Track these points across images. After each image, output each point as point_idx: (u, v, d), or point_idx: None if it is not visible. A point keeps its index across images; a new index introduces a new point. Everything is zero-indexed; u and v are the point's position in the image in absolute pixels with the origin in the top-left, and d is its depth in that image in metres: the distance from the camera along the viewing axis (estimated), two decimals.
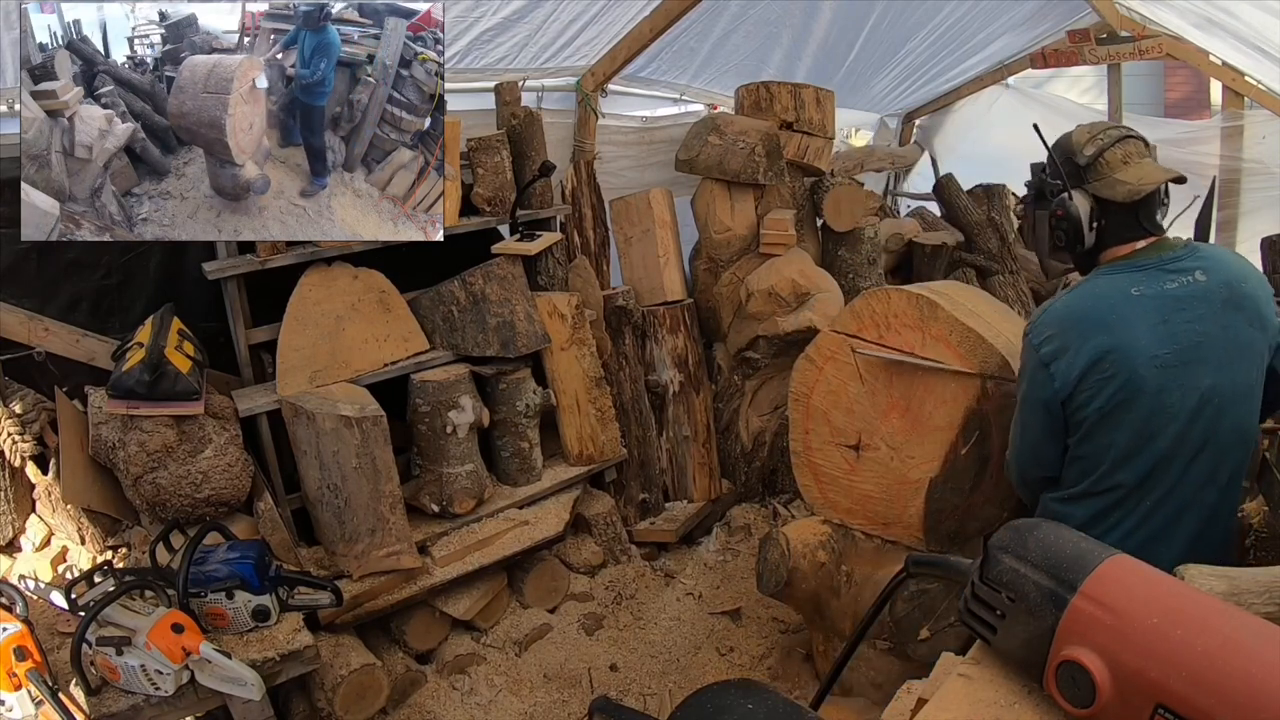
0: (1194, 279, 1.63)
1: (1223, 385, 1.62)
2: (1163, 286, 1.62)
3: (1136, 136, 1.70)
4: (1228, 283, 1.64)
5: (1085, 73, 5.43)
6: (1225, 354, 1.62)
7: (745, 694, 0.91)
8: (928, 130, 5.86)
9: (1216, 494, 1.67)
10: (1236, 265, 1.69)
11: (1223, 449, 1.64)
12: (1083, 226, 1.67)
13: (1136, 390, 1.61)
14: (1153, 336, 1.60)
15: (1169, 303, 1.61)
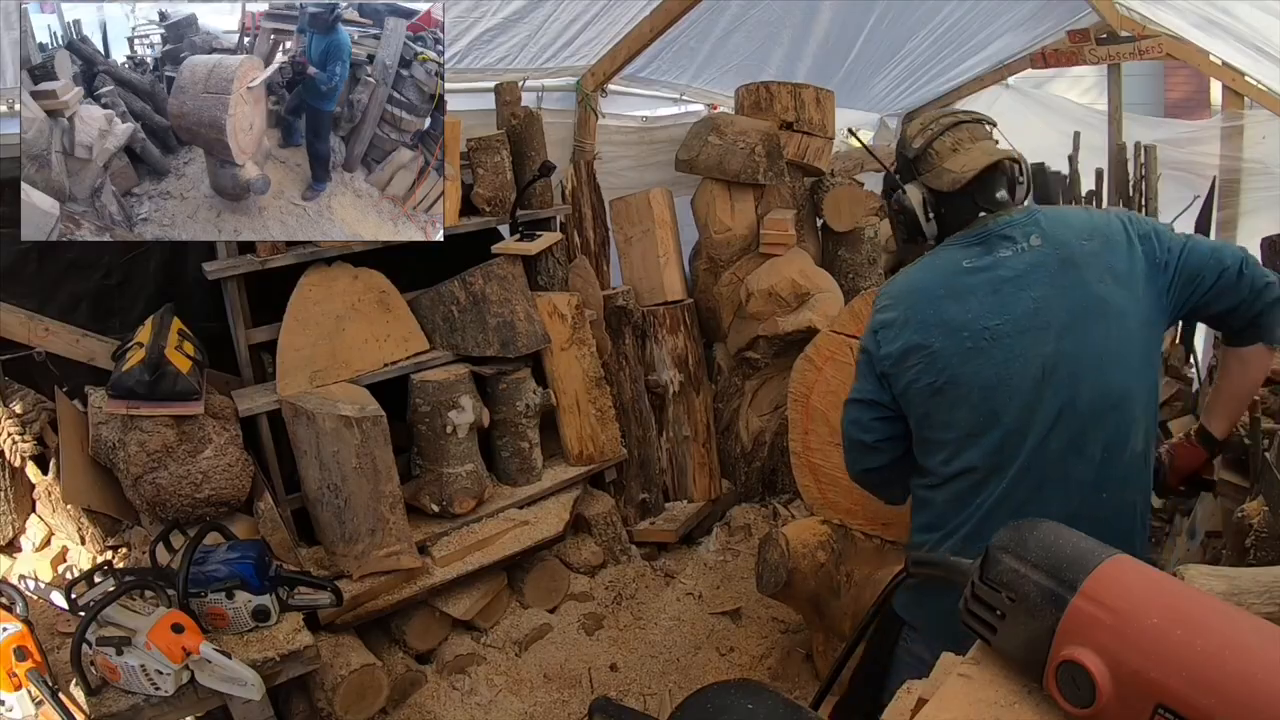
0: (1028, 245, 1.56)
1: (1070, 350, 1.52)
2: (995, 256, 1.56)
3: (971, 121, 1.63)
4: (1065, 242, 1.54)
5: (1086, 73, 5.43)
6: (1069, 317, 1.52)
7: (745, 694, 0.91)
8: None
9: (1087, 467, 1.54)
10: (1081, 223, 1.57)
11: (1084, 418, 1.52)
12: (919, 217, 1.64)
13: (967, 365, 1.54)
14: (983, 309, 1.54)
15: (1000, 272, 1.55)
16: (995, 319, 1.54)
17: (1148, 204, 4.78)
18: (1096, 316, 1.52)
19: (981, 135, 1.63)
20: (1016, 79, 5.42)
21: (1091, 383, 1.52)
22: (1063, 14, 4.55)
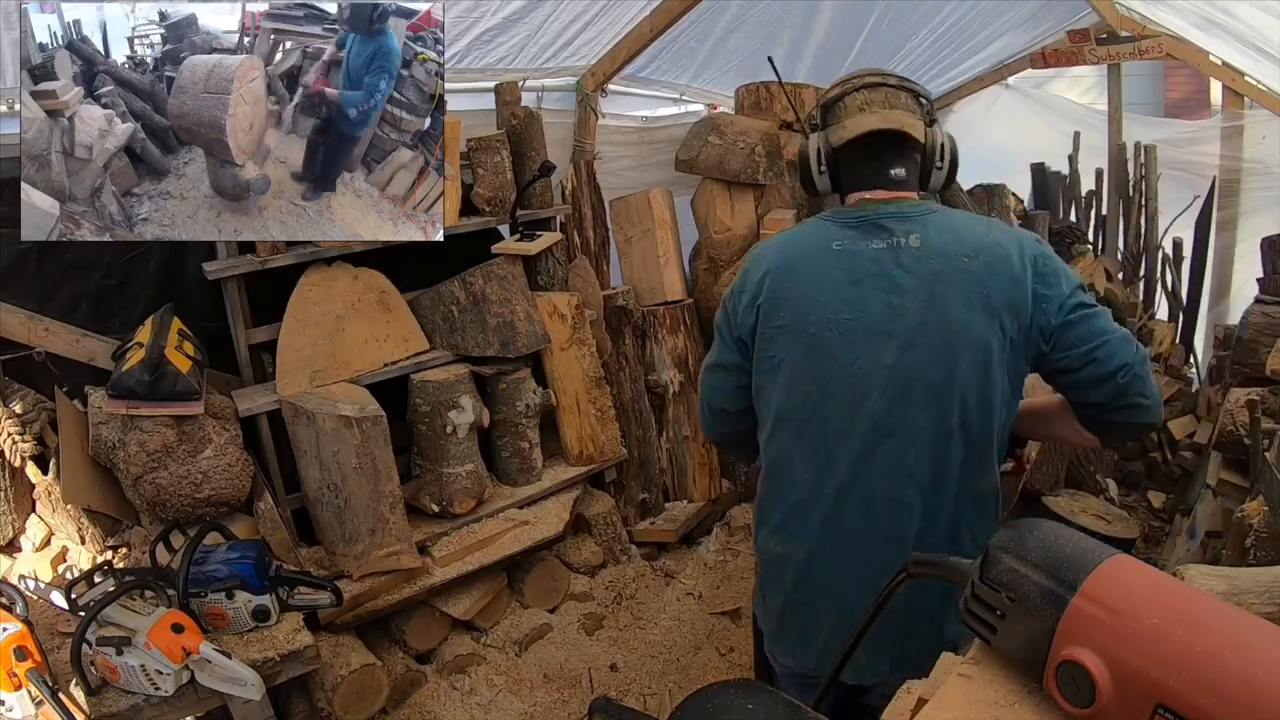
0: (905, 242, 1.42)
1: (913, 368, 1.40)
2: (867, 244, 1.44)
3: (895, 87, 1.48)
4: (944, 253, 1.39)
5: (1086, 73, 5.43)
6: (922, 333, 1.40)
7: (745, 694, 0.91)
8: None
9: (917, 493, 1.43)
10: (971, 237, 1.40)
11: (914, 442, 1.41)
12: (811, 167, 1.55)
13: (808, 353, 1.45)
14: (837, 297, 1.43)
15: (866, 264, 1.43)
16: (847, 313, 1.43)
17: (1148, 204, 4.79)
18: (951, 341, 1.39)
19: (898, 104, 1.46)
20: (1016, 79, 5.42)
21: (926, 408, 1.41)
22: (1063, 14, 4.55)
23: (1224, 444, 2.57)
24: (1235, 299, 4.46)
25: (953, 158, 1.48)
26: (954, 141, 1.49)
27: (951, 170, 1.49)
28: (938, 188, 1.51)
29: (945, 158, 1.48)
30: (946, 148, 1.48)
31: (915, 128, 1.45)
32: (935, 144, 1.48)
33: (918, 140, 1.46)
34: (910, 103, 1.47)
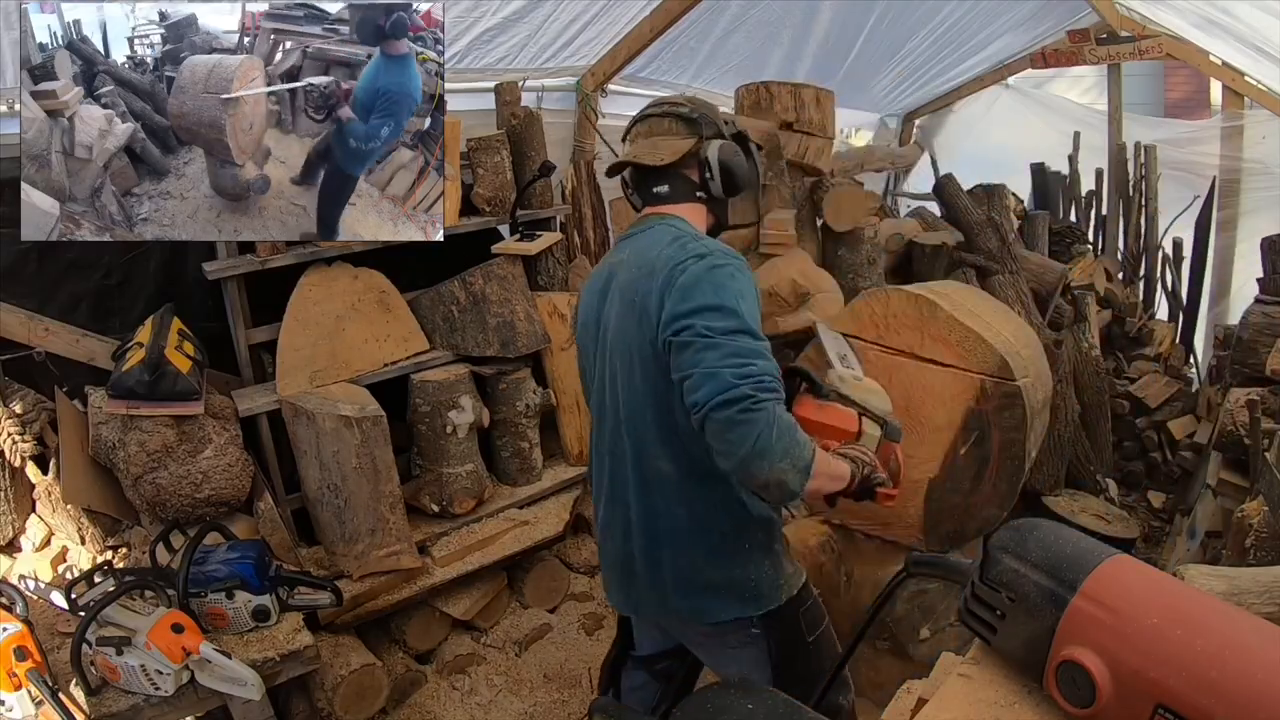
0: (623, 256, 1.57)
1: (620, 378, 1.54)
2: (615, 256, 1.61)
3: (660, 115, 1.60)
4: (632, 266, 1.52)
5: (1086, 72, 5.44)
6: (616, 344, 1.54)
7: (745, 694, 0.91)
8: (928, 130, 5.88)
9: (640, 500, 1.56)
10: (652, 255, 1.48)
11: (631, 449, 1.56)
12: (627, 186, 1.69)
13: (583, 356, 1.67)
14: (595, 302, 1.61)
15: (607, 276, 1.60)
16: (594, 321, 1.62)
17: (1148, 204, 4.79)
18: (629, 354, 1.52)
19: (659, 130, 1.60)
20: (1017, 79, 5.43)
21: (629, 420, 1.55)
22: (1063, 14, 4.55)
23: (1224, 444, 2.58)
24: (1235, 299, 4.46)
25: (723, 167, 1.56)
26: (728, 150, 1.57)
27: (725, 178, 1.57)
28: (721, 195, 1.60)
29: (715, 170, 1.57)
30: (713, 160, 1.56)
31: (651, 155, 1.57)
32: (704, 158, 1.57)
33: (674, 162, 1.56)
34: (674, 126, 1.59)
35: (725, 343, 1.32)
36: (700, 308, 1.36)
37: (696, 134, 1.58)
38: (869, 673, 2.36)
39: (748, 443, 1.27)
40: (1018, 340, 2.22)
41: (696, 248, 1.44)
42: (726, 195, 1.60)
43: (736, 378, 1.28)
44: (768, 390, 1.29)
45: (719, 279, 1.38)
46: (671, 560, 1.56)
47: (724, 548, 1.54)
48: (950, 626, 2.23)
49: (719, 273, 1.39)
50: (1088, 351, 3.86)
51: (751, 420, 1.26)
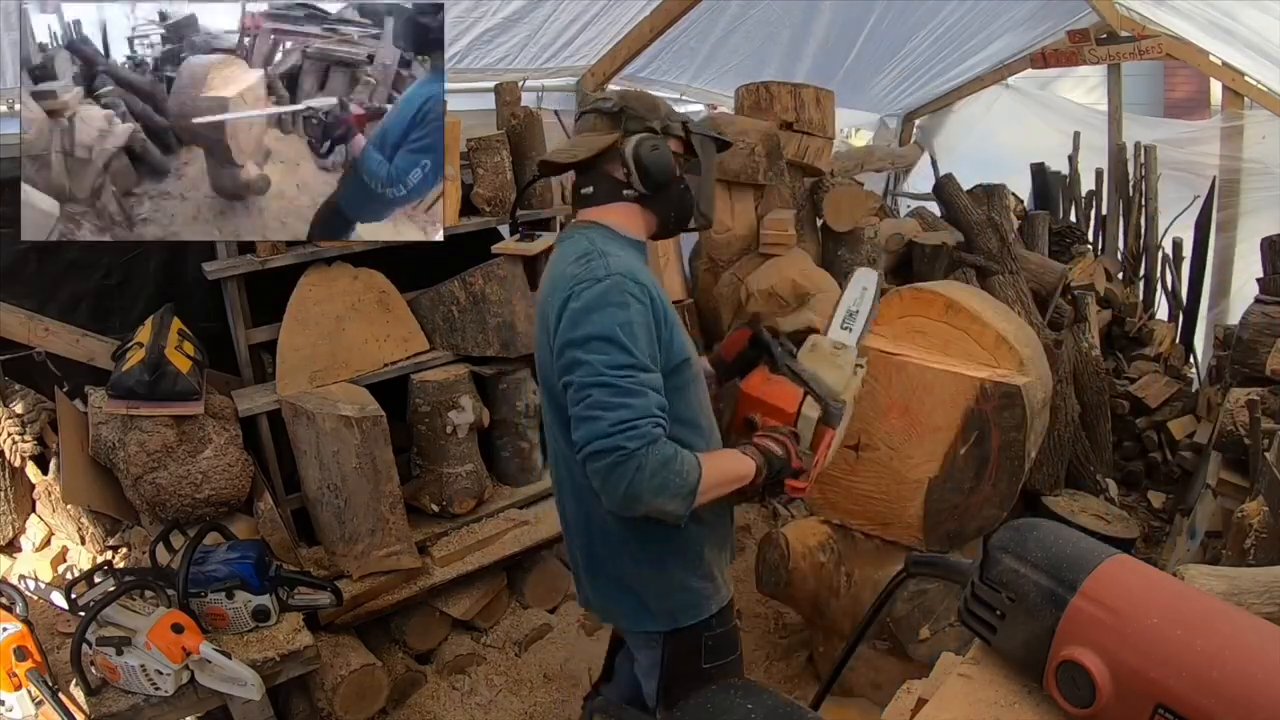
0: (548, 267, 1.55)
1: (541, 387, 1.57)
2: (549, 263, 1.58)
3: (586, 111, 1.54)
4: (547, 279, 1.52)
5: (1090, 72, 5.44)
6: (537, 354, 1.54)
7: (745, 695, 0.91)
8: (928, 130, 5.87)
9: (571, 503, 1.60)
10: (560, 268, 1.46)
11: (560, 456, 1.57)
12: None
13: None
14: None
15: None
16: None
17: (1148, 204, 4.79)
18: (540, 364, 1.52)
19: (584, 127, 1.54)
20: (1022, 79, 5.43)
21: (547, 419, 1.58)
22: (1063, 14, 4.55)
23: (1224, 444, 2.57)
24: (1235, 299, 4.46)
25: (637, 162, 1.47)
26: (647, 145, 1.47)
27: (641, 174, 1.47)
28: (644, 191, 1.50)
29: (630, 165, 1.48)
30: (629, 155, 1.47)
31: (567, 153, 1.51)
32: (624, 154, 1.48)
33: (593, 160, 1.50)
34: (597, 122, 1.51)
35: (606, 380, 1.31)
36: (587, 337, 1.34)
37: (619, 129, 1.49)
38: (869, 673, 2.36)
39: (619, 490, 1.30)
40: (1018, 340, 2.22)
41: (598, 268, 1.38)
42: (649, 191, 1.50)
43: (611, 426, 1.29)
44: (639, 436, 1.29)
45: (610, 306, 1.34)
46: (609, 565, 1.58)
47: (642, 558, 1.54)
48: (950, 626, 2.23)
49: (612, 299, 1.35)
50: (1088, 351, 3.86)
51: (621, 471, 1.29)
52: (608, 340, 1.33)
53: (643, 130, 1.49)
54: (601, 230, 1.49)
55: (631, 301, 1.36)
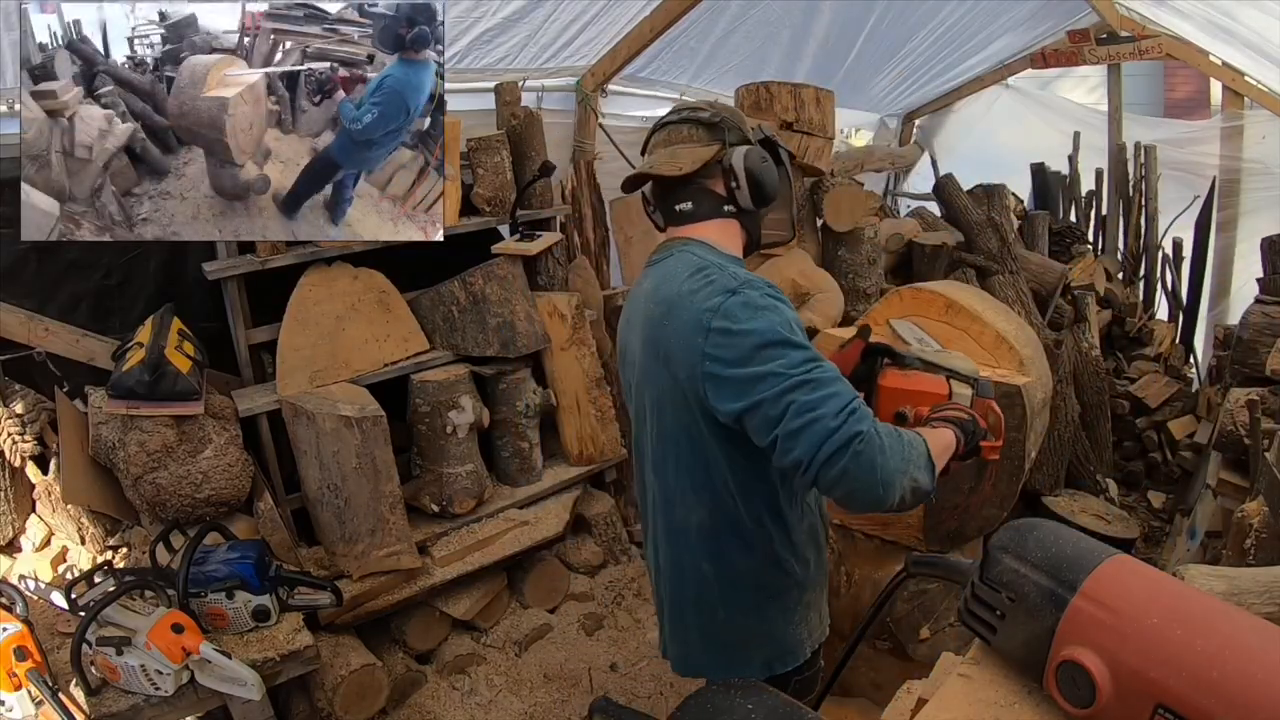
0: (648, 285, 1.44)
1: (649, 420, 1.45)
2: (641, 286, 1.48)
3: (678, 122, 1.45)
4: (650, 296, 1.41)
5: (1091, 72, 5.44)
6: (644, 385, 1.44)
7: (745, 695, 0.91)
8: (928, 130, 5.87)
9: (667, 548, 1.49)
10: (668, 286, 1.36)
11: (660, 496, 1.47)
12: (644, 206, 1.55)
13: (627, 388, 1.54)
14: (627, 335, 1.51)
15: (636, 304, 1.48)
16: (626, 351, 1.52)
17: (1148, 204, 4.79)
18: (653, 393, 1.42)
19: (678, 138, 1.44)
20: (1023, 78, 5.43)
21: (653, 456, 1.47)
22: (1063, 14, 4.55)
23: (1224, 444, 2.57)
24: (1235, 299, 4.46)
25: (750, 175, 1.39)
26: (755, 156, 1.39)
27: (753, 187, 1.39)
28: (750, 206, 1.42)
29: (740, 178, 1.39)
30: (738, 167, 1.38)
31: (669, 165, 1.41)
32: (728, 166, 1.40)
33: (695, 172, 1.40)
34: (694, 133, 1.43)
35: (798, 379, 1.19)
36: (755, 348, 1.22)
37: (719, 140, 1.41)
38: (869, 673, 2.36)
39: (874, 478, 1.17)
40: (1018, 340, 2.22)
41: (723, 281, 1.29)
42: (756, 207, 1.42)
43: (833, 419, 1.16)
44: (863, 415, 1.19)
45: (761, 310, 1.25)
46: (696, 616, 1.48)
47: (751, 606, 1.45)
48: (950, 626, 2.23)
49: (758, 303, 1.25)
50: (1088, 351, 3.86)
51: (866, 457, 1.16)
52: (780, 343, 1.22)
53: (741, 141, 1.42)
54: (703, 246, 1.41)
55: (775, 303, 1.27)
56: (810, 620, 1.51)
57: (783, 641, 1.47)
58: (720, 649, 1.48)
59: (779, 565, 1.43)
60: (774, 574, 1.44)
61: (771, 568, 1.43)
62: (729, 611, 1.45)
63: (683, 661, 1.55)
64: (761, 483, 1.39)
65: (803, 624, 1.49)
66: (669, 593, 1.52)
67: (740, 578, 1.43)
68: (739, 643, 1.47)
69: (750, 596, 1.44)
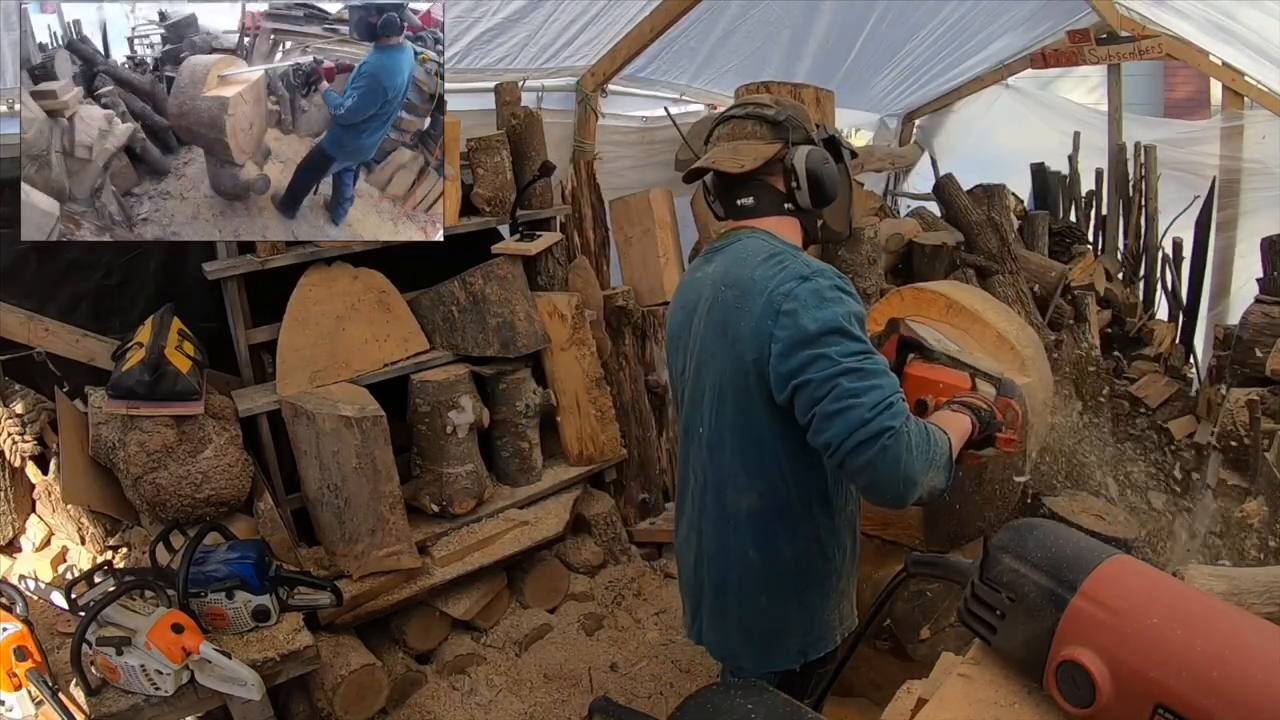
0: (710, 269, 1.49)
1: (708, 400, 1.48)
2: (703, 270, 1.52)
3: (742, 117, 1.49)
4: (721, 280, 1.45)
5: (1091, 72, 5.44)
6: (705, 365, 1.48)
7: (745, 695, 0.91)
8: (928, 130, 5.87)
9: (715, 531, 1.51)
10: (740, 269, 1.41)
11: (714, 477, 1.49)
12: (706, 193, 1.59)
13: (678, 373, 1.58)
14: (684, 319, 1.55)
15: (697, 288, 1.52)
16: (686, 334, 1.54)
17: (1148, 204, 4.79)
18: (715, 374, 1.45)
19: (742, 133, 1.48)
20: (1023, 78, 5.42)
21: (710, 438, 1.49)
22: (1063, 14, 4.55)
23: (1224, 444, 2.57)
24: (1235, 299, 4.46)
25: (811, 176, 1.44)
26: (817, 157, 1.44)
27: (813, 188, 1.44)
28: (809, 206, 1.47)
29: (801, 178, 1.44)
30: (800, 168, 1.44)
31: (732, 161, 1.45)
32: (790, 165, 1.45)
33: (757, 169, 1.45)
34: (758, 129, 1.47)
35: (848, 366, 1.25)
36: (819, 333, 1.28)
37: (783, 138, 1.45)
38: (869, 673, 2.36)
39: (896, 474, 1.22)
40: (1019, 340, 2.22)
41: (797, 268, 1.35)
42: (816, 206, 1.46)
43: (870, 410, 1.22)
44: (899, 412, 1.24)
45: (829, 300, 1.31)
46: (738, 603, 1.51)
47: (792, 593, 1.48)
48: (950, 626, 2.23)
49: (827, 294, 1.31)
50: (1088, 351, 3.86)
51: (893, 452, 1.21)
52: (838, 332, 1.28)
53: (805, 141, 1.46)
54: (763, 236, 1.46)
55: (842, 296, 1.33)
56: (843, 608, 1.55)
57: (818, 629, 1.52)
58: (759, 639, 1.52)
59: (822, 551, 1.47)
60: (817, 560, 1.48)
61: (815, 554, 1.47)
62: (771, 598, 1.49)
63: (721, 649, 1.58)
64: (813, 468, 1.43)
65: (836, 611, 1.53)
66: (712, 578, 1.54)
67: (785, 564, 1.47)
68: (778, 632, 1.51)
69: (792, 583, 1.48)
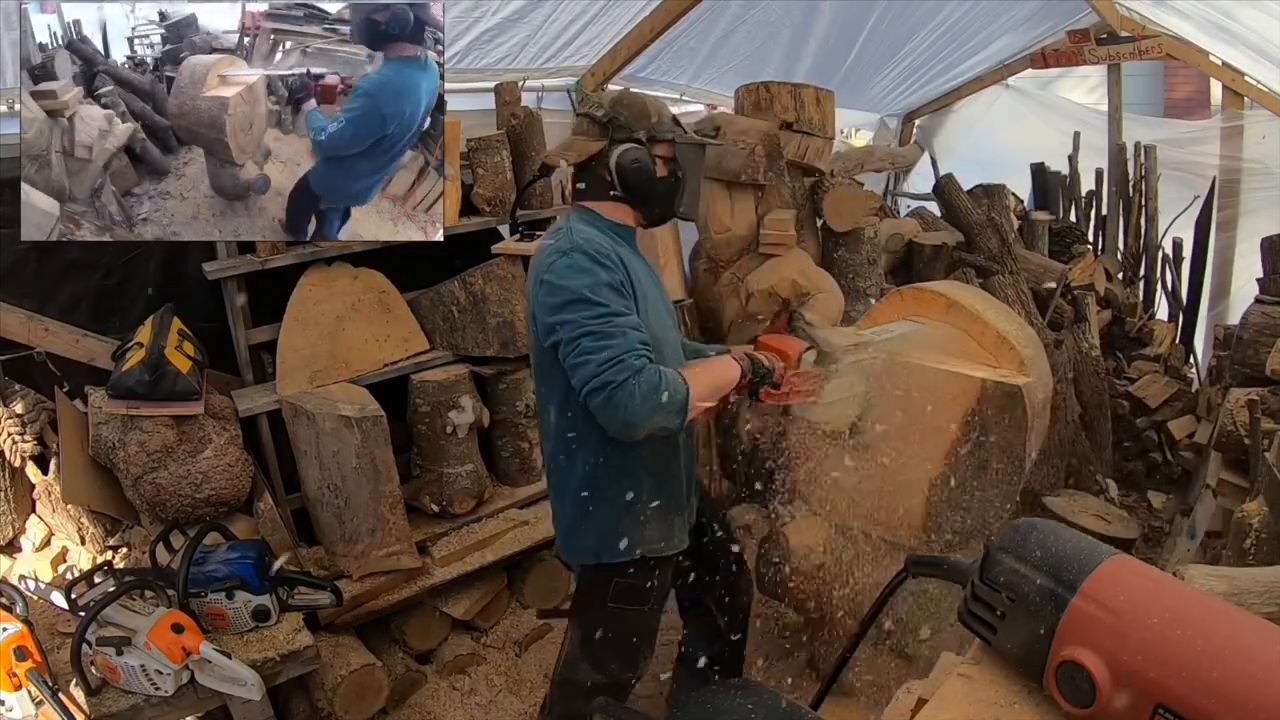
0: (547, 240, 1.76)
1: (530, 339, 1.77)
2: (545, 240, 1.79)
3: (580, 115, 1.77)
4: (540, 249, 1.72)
5: (1091, 72, 5.44)
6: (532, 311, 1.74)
7: (745, 694, 0.91)
8: (928, 130, 5.87)
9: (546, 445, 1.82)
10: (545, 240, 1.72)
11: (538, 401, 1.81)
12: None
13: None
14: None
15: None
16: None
17: (1148, 204, 4.79)
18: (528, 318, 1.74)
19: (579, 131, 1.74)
20: (1023, 78, 5.42)
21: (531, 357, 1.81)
22: (1063, 14, 4.55)
23: (1224, 444, 2.57)
24: (1235, 299, 4.46)
25: (620, 170, 1.69)
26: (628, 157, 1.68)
27: (623, 181, 1.69)
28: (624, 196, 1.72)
29: (613, 174, 1.70)
30: (613, 165, 1.69)
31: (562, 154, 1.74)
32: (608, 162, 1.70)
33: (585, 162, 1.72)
34: (588, 127, 1.72)
35: (588, 329, 1.53)
36: (565, 302, 1.56)
37: (606, 137, 1.70)
38: (869, 673, 2.36)
39: (618, 418, 1.51)
40: (1019, 340, 2.22)
41: (565, 242, 1.62)
42: (630, 196, 1.72)
43: (599, 366, 1.50)
44: (624, 368, 1.49)
45: (577, 271, 1.57)
46: (558, 502, 1.81)
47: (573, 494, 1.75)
48: (950, 626, 2.23)
49: (579, 265, 1.58)
50: (1088, 351, 3.86)
51: (615, 401, 1.49)
52: (581, 300, 1.55)
53: (628, 140, 1.69)
54: (587, 214, 1.73)
55: (594, 266, 1.58)
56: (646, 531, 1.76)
57: (604, 535, 1.74)
58: (561, 532, 1.83)
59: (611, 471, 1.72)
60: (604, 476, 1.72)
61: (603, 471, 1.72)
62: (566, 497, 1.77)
63: (562, 543, 1.86)
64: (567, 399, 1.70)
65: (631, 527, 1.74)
66: (550, 484, 1.85)
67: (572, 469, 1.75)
68: (575, 525, 1.78)
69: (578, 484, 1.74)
